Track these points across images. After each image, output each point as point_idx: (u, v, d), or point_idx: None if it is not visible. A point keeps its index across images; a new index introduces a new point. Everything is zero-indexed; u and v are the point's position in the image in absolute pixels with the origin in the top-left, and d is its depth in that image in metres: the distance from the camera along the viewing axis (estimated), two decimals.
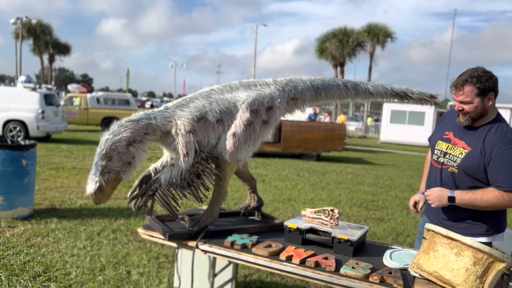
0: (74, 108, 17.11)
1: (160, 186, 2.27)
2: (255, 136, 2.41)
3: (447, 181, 2.20)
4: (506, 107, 20.66)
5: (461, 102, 2.08)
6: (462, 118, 2.12)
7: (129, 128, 2.17)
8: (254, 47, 38.66)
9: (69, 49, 44.01)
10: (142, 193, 2.33)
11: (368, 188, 8.33)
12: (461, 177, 2.15)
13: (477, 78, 2.02)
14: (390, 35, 31.34)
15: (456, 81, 2.09)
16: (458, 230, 2.12)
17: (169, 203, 2.30)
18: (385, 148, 19.43)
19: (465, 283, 1.70)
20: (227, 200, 6.21)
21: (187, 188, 2.29)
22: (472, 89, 2.03)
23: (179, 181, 2.27)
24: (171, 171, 2.27)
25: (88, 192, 2.12)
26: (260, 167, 10.23)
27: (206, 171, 2.31)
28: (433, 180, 2.29)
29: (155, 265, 3.66)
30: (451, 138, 2.22)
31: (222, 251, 2.18)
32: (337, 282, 1.88)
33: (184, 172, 2.27)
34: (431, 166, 2.34)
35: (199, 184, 2.32)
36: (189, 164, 2.26)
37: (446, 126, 2.30)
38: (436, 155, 2.27)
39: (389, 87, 2.60)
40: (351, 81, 2.63)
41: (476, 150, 2.08)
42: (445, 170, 2.21)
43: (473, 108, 2.06)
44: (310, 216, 2.41)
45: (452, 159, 2.17)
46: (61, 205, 5.38)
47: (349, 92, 2.60)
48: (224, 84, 2.49)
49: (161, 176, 2.29)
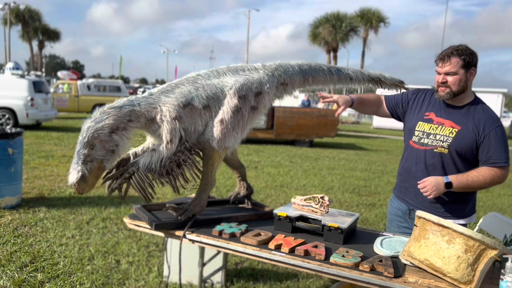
0: (65, 95, 16.89)
1: (138, 169, 2.19)
2: (244, 122, 2.35)
3: (434, 163, 2.18)
4: (499, 92, 20.74)
5: (447, 73, 2.10)
6: (442, 91, 2.13)
7: (111, 115, 2.09)
8: (247, 33, 38.28)
9: (58, 35, 43.30)
10: (118, 175, 2.23)
11: (360, 173, 8.32)
12: (451, 158, 2.14)
13: (463, 51, 2.08)
14: (383, 20, 31.13)
15: (441, 54, 2.13)
16: (439, 213, 2.15)
17: (145, 188, 2.22)
18: (377, 133, 19.45)
19: (456, 271, 1.67)
20: (219, 187, 6.17)
21: (165, 176, 2.21)
22: (458, 60, 2.08)
23: (158, 167, 2.19)
24: (151, 156, 2.19)
25: (70, 182, 2.05)
26: (253, 153, 10.18)
27: (188, 162, 2.25)
28: (415, 162, 2.25)
29: (145, 254, 3.62)
30: (433, 118, 2.22)
31: (210, 240, 2.13)
32: (326, 271, 1.84)
33: (165, 159, 2.19)
34: (409, 149, 2.30)
35: (179, 173, 2.24)
36: (171, 152, 2.19)
37: (424, 108, 2.29)
38: (417, 136, 2.25)
39: (366, 73, 2.65)
40: (334, 67, 2.64)
41: (467, 128, 2.11)
42: (431, 151, 2.19)
43: (457, 80, 2.09)
44: (300, 203, 2.36)
45: (440, 139, 2.16)
46: (50, 194, 5.31)
47: (333, 78, 2.60)
48: (211, 69, 2.41)
49: (140, 159, 2.21)
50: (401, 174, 2.38)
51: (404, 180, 2.35)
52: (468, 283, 1.65)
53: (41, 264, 3.26)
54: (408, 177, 2.31)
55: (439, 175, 2.16)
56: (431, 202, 2.22)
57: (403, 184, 2.36)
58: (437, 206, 2.21)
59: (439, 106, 2.23)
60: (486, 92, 20.83)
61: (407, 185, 2.32)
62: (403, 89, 2.69)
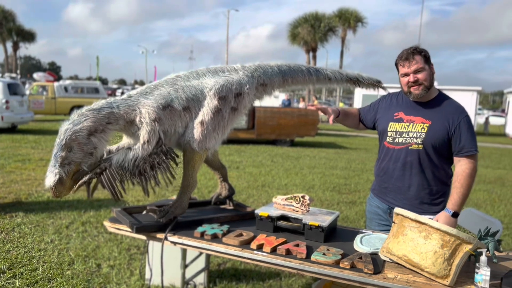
0: (41, 98, 16.54)
1: (110, 166, 2.15)
2: (224, 123, 2.35)
3: (410, 160, 2.25)
4: (473, 90, 21.22)
5: (416, 71, 2.17)
6: (416, 90, 2.19)
7: (90, 117, 2.07)
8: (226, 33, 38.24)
9: (34, 36, 42.43)
10: (90, 169, 2.18)
11: (340, 172, 8.42)
12: (426, 153, 2.21)
13: (420, 49, 2.19)
14: (361, 20, 31.55)
15: (403, 55, 2.21)
16: (420, 210, 2.21)
17: (115, 186, 2.17)
18: (357, 132, 19.68)
19: (433, 265, 1.71)
20: (201, 188, 6.15)
21: (137, 176, 2.18)
22: (421, 57, 2.17)
23: (131, 166, 2.15)
24: (125, 154, 2.15)
25: (47, 185, 2.02)
26: (234, 154, 10.18)
27: (162, 165, 2.23)
28: (392, 161, 2.31)
29: (126, 257, 3.58)
30: (403, 117, 2.28)
31: (192, 242, 2.13)
32: (308, 269, 1.87)
33: (139, 159, 2.16)
34: (385, 150, 2.36)
35: (151, 176, 2.21)
36: (147, 153, 2.17)
37: (393, 109, 2.36)
38: (391, 137, 2.31)
39: (344, 73, 2.69)
40: (313, 67, 2.67)
41: (437, 122, 2.18)
42: (406, 149, 2.25)
43: (427, 76, 2.18)
44: (281, 203, 2.38)
45: (413, 136, 2.22)
46: (27, 198, 5.20)
47: (312, 78, 2.63)
48: (191, 71, 2.41)
49: (114, 156, 2.17)
50: (378, 175, 2.43)
51: (383, 181, 2.39)
52: (445, 277, 1.70)
53: (19, 270, 3.19)
54: (386, 177, 2.36)
55: (416, 173, 2.23)
56: (412, 200, 2.27)
57: (382, 185, 2.41)
58: (417, 204, 2.26)
59: (406, 105, 2.31)
60: (461, 90, 21.28)
61: (387, 185, 2.37)
62: (380, 89, 2.74)
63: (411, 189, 2.26)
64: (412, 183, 2.25)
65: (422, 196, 2.25)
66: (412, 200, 2.27)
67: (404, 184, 2.27)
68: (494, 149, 15.12)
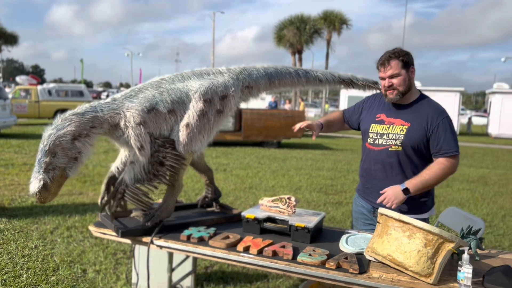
0: (24, 101, 16.29)
1: (127, 186, 2.21)
2: (210, 126, 2.36)
3: (391, 161, 2.28)
4: (456, 90, 21.55)
5: (391, 76, 2.21)
6: (391, 94, 2.24)
7: (73, 121, 2.05)
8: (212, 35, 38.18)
9: (16, 38, 41.75)
10: (112, 197, 2.27)
11: (327, 173, 8.47)
12: (405, 154, 2.24)
13: (399, 53, 2.20)
14: (346, 22, 31.75)
15: (380, 60, 2.24)
16: (402, 210, 2.23)
17: (142, 200, 2.25)
18: (343, 133, 19.82)
19: (417, 264, 1.74)
20: (187, 191, 6.12)
21: (154, 179, 2.23)
22: (397, 62, 2.19)
23: (144, 175, 2.21)
24: (133, 169, 2.20)
25: (32, 191, 1.99)
26: (222, 156, 10.16)
27: (168, 156, 2.25)
28: (373, 162, 2.35)
29: (113, 262, 3.55)
30: (384, 119, 2.32)
31: (178, 245, 2.13)
32: (294, 270, 1.88)
33: (146, 165, 2.19)
34: (366, 151, 2.41)
35: (165, 170, 2.26)
36: (148, 156, 2.19)
37: (375, 111, 2.40)
38: (372, 138, 2.35)
39: (336, 74, 2.68)
40: (302, 69, 2.67)
41: (416, 124, 2.21)
42: (386, 150, 2.29)
43: (401, 81, 2.20)
44: (268, 205, 2.39)
45: (393, 138, 2.26)
46: (10, 204, 5.11)
47: (301, 80, 2.63)
48: (176, 73, 2.40)
49: (125, 176, 2.22)
50: (362, 176, 2.47)
51: (366, 181, 2.43)
52: (428, 275, 1.72)
53: (2, 277, 3.14)
54: (368, 178, 2.40)
55: (397, 173, 2.26)
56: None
57: (365, 185, 2.45)
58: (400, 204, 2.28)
59: (388, 107, 2.35)
60: (444, 91, 21.60)
61: (369, 185, 2.41)
62: (377, 90, 2.72)
63: None
64: (393, 184, 2.26)
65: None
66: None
67: (385, 185, 2.28)
68: (477, 149, 15.38)
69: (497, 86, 22.50)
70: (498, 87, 22.35)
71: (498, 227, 5.17)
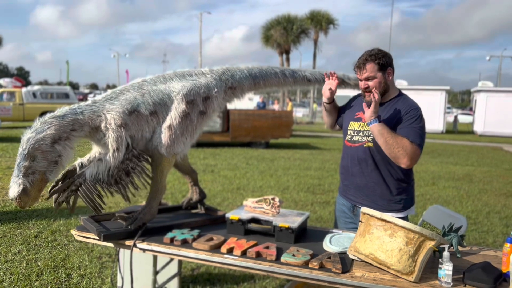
0: (8, 104, 16.05)
1: (84, 181, 2.13)
2: (193, 127, 2.34)
3: (365, 157, 2.31)
4: (442, 89, 21.82)
5: (367, 79, 2.23)
6: (368, 96, 2.25)
7: (53, 124, 2.02)
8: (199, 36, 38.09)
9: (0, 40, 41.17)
10: (65, 187, 2.17)
11: (314, 172, 8.50)
12: (377, 150, 2.25)
13: (375, 56, 2.20)
14: (333, 22, 31.92)
15: (357, 62, 2.26)
16: (379, 207, 2.26)
17: (94, 199, 2.18)
18: (331, 133, 19.92)
19: (399, 262, 1.75)
20: (174, 193, 6.09)
21: (114, 185, 2.18)
22: (373, 65, 2.20)
23: (106, 177, 2.15)
24: (98, 166, 2.14)
25: (11, 195, 1.96)
26: (209, 157, 10.14)
27: (137, 169, 2.22)
28: (350, 159, 2.38)
29: (98, 266, 3.51)
30: (361, 116, 2.35)
31: (161, 248, 2.11)
32: (277, 271, 1.88)
33: (113, 168, 2.15)
34: (345, 148, 2.44)
35: (128, 182, 2.21)
36: (119, 160, 2.15)
37: (356, 109, 2.44)
38: (350, 135, 2.39)
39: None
40: (289, 69, 2.66)
41: (389, 120, 2.22)
42: (360, 147, 2.32)
43: (377, 84, 2.22)
44: (252, 205, 2.39)
45: (366, 135, 2.30)
46: None
47: (288, 80, 2.63)
48: (157, 75, 2.39)
49: (87, 170, 2.15)
50: (341, 173, 2.49)
51: (344, 178, 2.46)
52: (410, 273, 1.74)
53: None
54: (346, 174, 2.42)
55: (371, 169, 2.30)
56: (371, 197, 2.32)
57: (344, 182, 2.47)
58: (376, 200, 2.32)
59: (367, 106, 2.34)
60: (430, 90, 21.86)
61: (347, 182, 2.43)
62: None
63: (369, 186, 2.32)
64: (369, 180, 2.31)
65: (379, 192, 2.30)
66: (370, 196, 2.33)
67: (362, 181, 2.33)
68: (462, 147, 15.59)
69: (482, 84, 22.85)
70: (483, 85, 22.70)
71: (483, 224, 5.24)
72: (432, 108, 20.82)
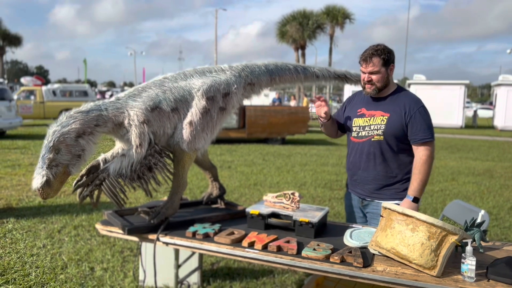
0: (29, 102, 16.40)
1: (108, 176, 2.20)
2: (213, 123, 2.37)
3: (373, 151, 2.38)
4: (461, 83, 21.41)
5: (371, 72, 2.31)
6: (369, 88, 2.35)
7: (78, 119, 2.08)
8: (215, 32, 38.20)
9: (20, 40, 42.01)
10: (89, 182, 2.24)
11: (332, 168, 8.47)
12: (387, 143, 2.34)
13: (382, 51, 2.29)
14: (349, 16, 31.66)
15: (363, 55, 2.33)
16: (387, 197, 2.35)
17: (117, 194, 2.24)
18: None
19: (421, 257, 1.75)
20: (193, 189, 6.15)
21: (136, 180, 2.23)
22: (379, 60, 2.29)
23: (129, 172, 2.20)
24: (121, 162, 2.20)
25: (34, 186, 2.01)
26: (226, 153, 10.19)
27: (159, 165, 2.26)
28: (358, 154, 2.45)
29: (120, 260, 3.58)
30: (365, 112, 2.43)
31: (183, 242, 2.15)
32: (299, 265, 1.90)
33: (135, 163, 2.20)
34: (351, 144, 2.51)
35: (150, 177, 2.27)
36: (141, 156, 2.20)
37: (356, 106, 2.51)
38: (355, 131, 2.46)
39: (332, 70, 2.76)
40: (300, 65, 2.72)
41: (395, 113, 2.32)
42: (369, 141, 2.39)
43: (380, 78, 2.31)
44: (272, 200, 2.41)
45: (375, 129, 2.37)
46: (18, 204, 5.17)
47: (299, 76, 2.69)
48: (178, 72, 2.42)
49: (110, 165, 2.21)
50: (349, 169, 2.55)
51: (353, 174, 2.52)
52: (432, 268, 1.73)
53: (12, 276, 3.18)
54: (354, 170, 2.49)
55: (380, 162, 2.37)
56: (380, 189, 2.40)
57: (352, 177, 2.53)
58: (384, 191, 2.39)
59: (367, 101, 2.45)
60: (449, 84, 21.47)
61: (356, 177, 2.49)
62: None
63: (377, 178, 2.39)
64: (377, 172, 2.38)
65: (388, 184, 2.38)
66: (379, 188, 2.40)
67: (369, 174, 2.40)
68: (482, 142, 15.31)
69: (503, 78, 22.30)
70: (503, 79, 22.16)
71: (504, 220, 5.16)
72: (451, 102, 20.48)
